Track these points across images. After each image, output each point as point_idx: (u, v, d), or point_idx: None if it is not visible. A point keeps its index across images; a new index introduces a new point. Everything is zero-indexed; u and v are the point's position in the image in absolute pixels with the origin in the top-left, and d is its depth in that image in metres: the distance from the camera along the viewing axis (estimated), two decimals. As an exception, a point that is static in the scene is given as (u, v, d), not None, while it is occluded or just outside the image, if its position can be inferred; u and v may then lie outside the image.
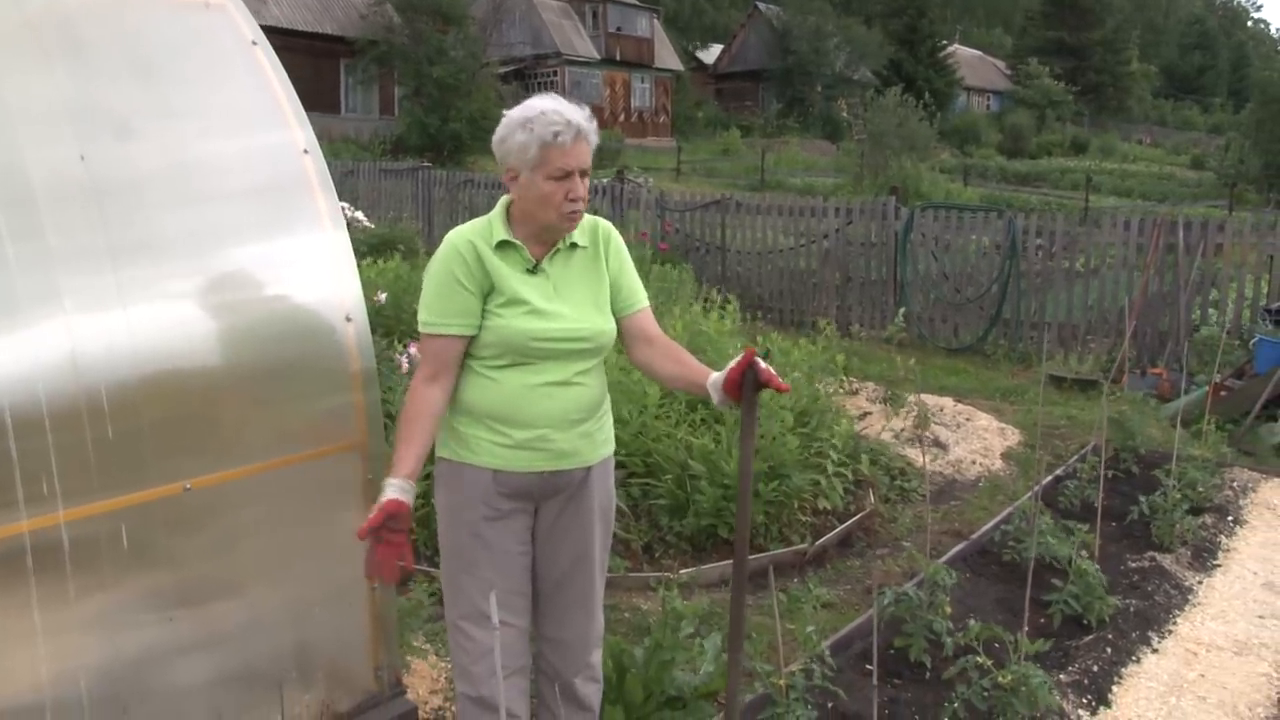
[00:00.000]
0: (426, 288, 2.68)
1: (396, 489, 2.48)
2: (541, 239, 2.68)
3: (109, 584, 2.54)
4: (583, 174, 2.61)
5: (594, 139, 2.63)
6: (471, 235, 2.66)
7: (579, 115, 2.59)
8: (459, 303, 2.61)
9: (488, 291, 2.62)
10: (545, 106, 2.59)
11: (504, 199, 2.72)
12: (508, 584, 2.70)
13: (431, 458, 2.70)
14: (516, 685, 2.75)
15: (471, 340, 2.64)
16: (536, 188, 2.59)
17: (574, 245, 2.72)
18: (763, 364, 2.48)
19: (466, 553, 2.70)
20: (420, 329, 2.67)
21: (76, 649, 2.51)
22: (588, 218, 2.77)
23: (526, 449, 2.64)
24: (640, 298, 2.83)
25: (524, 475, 2.66)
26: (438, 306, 2.63)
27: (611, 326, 2.75)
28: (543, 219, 2.63)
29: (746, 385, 2.50)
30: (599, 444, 2.78)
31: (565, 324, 2.64)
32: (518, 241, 2.65)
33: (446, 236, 2.70)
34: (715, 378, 2.60)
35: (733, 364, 2.52)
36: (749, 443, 2.50)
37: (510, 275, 2.63)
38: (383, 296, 6.05)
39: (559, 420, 2.65)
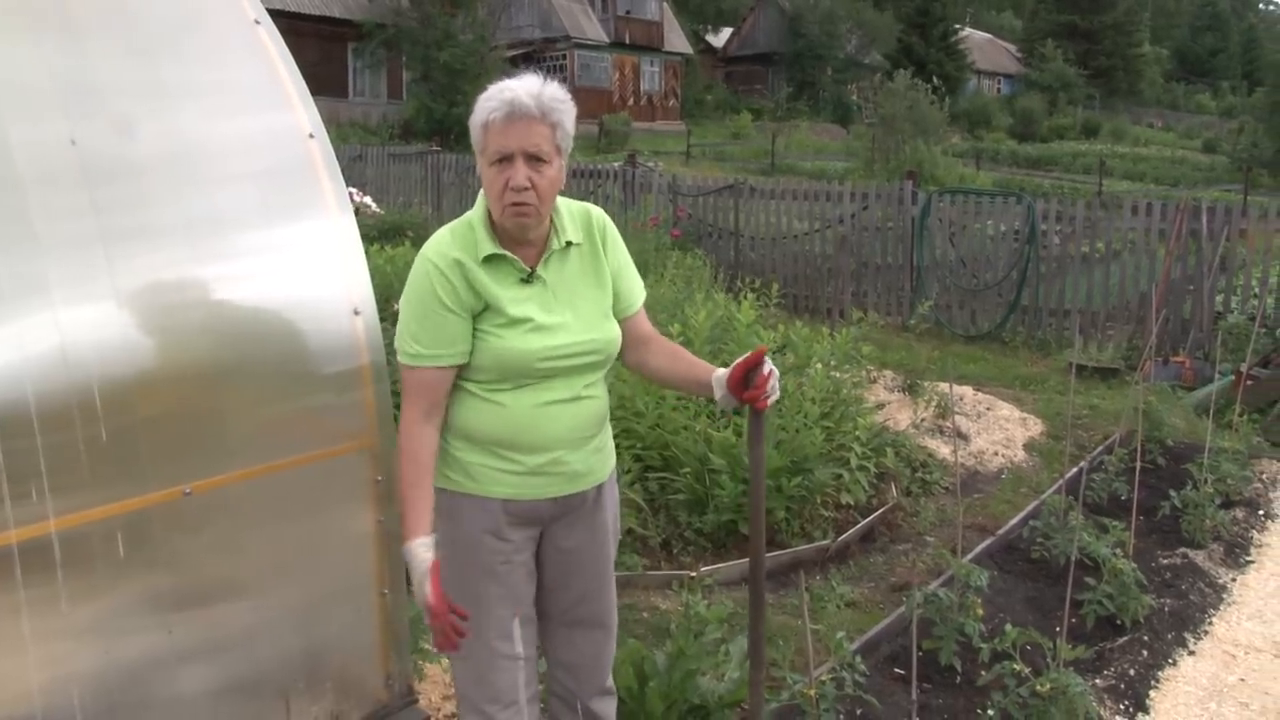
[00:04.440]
0: (407, 314, 2.37)
1: (426, 547, 2.26)
2: (525, 241, 2.37)
3: (103, 591, 2.41)
4: (532, 159, 2.26)
5: (553, 117, 2.28)
6: (454, 250, 2.35)
7: (526, 89, 2.26)
8: (449, 330, 2.33)
9: (479, 312, 2.35)
10: (498, 85, 2.30)
11: (481, 197, 2.40)
12: (517, 614, 2.50)
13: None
14: (532, 714, 2.57)
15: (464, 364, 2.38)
16: (483, 177, 2.32)
17: (569, 244, 2.42)
18: (768, 369, 2.30)
19: (478, 590, 2.44)
20: (405, 361, 2.37)
21: (69, 658, 2.38)
22: (578, 206, 2.50)
23: (540, 475, 2.41)
24: (638, 296, 2.57)
25: (537, 503, 2.45)
26: (425, 336, 2.33)
27: (618, 332, 2.49)
28: (495, 214, 2.33)
29: (752, 386, 2.32)
30: (607, 457, 2.57)
31: (572, 337, 2.38)
32: (506, 252, 2.35)
33: (422, 252, 2.39)
34: (719, 374, 2.40)
35: (739, 360, 2.32)
36: (759, 449, 2.32)
37: (504, 292, 2.35)
38: None
39: (572, 440, 2.42)
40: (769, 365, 2.31)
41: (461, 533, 2.44)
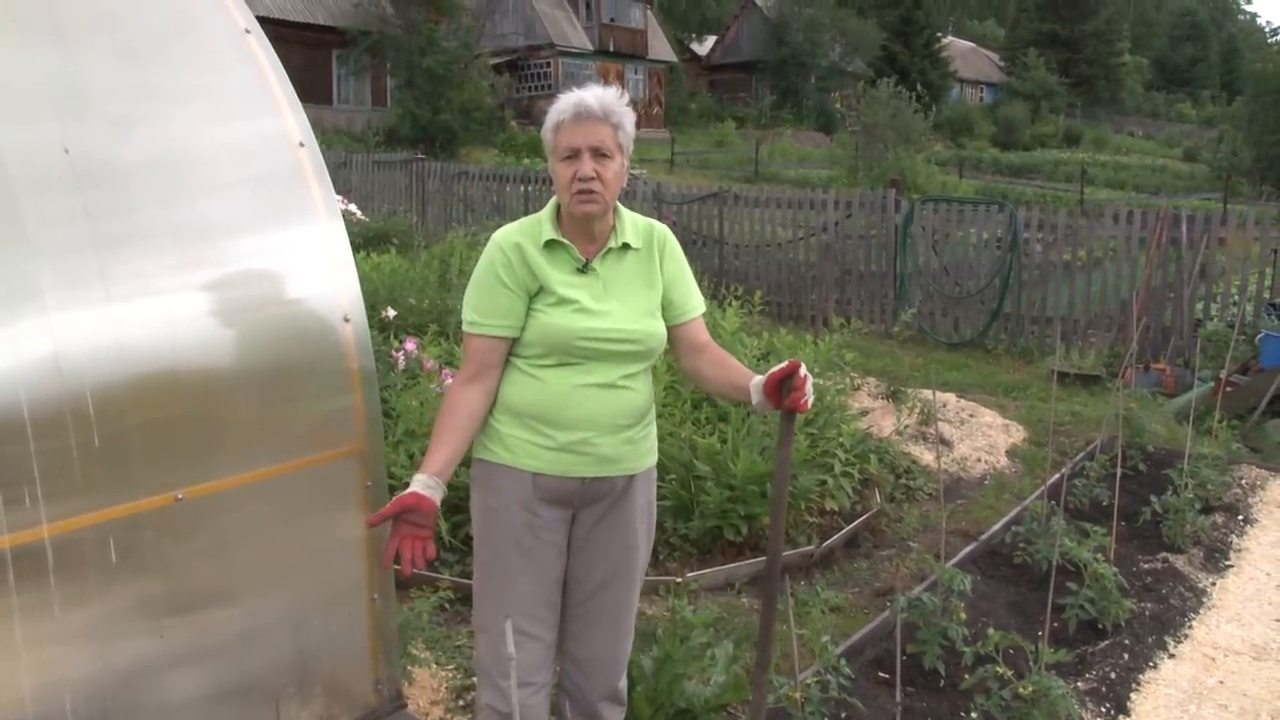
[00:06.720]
0: (470, 286, 2.65)
1: (420, 484, 2.45)
2: (588, 235, 2.60)
3: (95, 596, 2.41)
4: (597, 153, 2.53)
5: (614, 118, 2.56)
6: (518, 235, 2.62)
7: (593, 95, 2.56)
8: (501, 303, 2.57)
9: (534, 292, 2.57)
10: (566, 94, 2.57)
11: (553, 199, 2.67)
12: (540, 595, 2.62)
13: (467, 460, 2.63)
14: (540, 702, 2.66)
15: (517, 339, 2.58)
16: (555, 173, 2.57)
17: (625, 246, 2.64)
18: (804, 373, 2.43)
19: (503, 560, 2.61)
20: (464, 328, 2.65)
21: (61, 664, 2.38)
22: (644, 220, 2.73)
23: (569, 452, 2.56)
24: (693, 306, 2.75)
25: (565, 480, 2.58)
26: (481, 306, 2.60)
27: (662, 330, 2.67)
28: (564, 206, 2.58)
29: (785, 394, 2.44)
30: (643, 453, 2.70)
31: (614, 323, 2.56)
32: (566, 241, 2.59)
33: (493, 235, 2.66)
34: (757, 380, 2.54)
35: (776, 367, 2.46)
36: (786, 450, 2.41)
37: (558, 275, 2.57)
38: (390, 313, 5.94)
39: (604, 424, 2.57)
40: (804, 371, 2.45)
41: (494, 500, 2.62)
